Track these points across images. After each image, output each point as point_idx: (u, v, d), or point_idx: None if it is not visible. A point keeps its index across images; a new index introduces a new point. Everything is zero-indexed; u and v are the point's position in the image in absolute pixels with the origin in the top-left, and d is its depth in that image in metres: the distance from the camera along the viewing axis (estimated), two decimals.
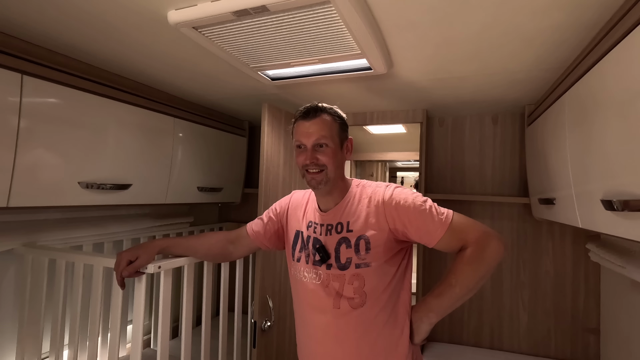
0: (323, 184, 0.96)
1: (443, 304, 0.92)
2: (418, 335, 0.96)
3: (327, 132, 0.95)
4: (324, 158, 0.95)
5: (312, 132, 0.95)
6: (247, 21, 0.92)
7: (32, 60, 1.11)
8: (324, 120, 0.96)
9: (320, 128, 0.95)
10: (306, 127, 0.96)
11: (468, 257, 0.89)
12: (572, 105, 1.08)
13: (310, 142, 0.95)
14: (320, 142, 0.95)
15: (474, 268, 0.88)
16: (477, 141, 2.00)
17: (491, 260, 0.88)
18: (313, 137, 0.95)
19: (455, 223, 0.91)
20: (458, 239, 0.91)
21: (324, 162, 0.95)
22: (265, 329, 1.47)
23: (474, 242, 0.89)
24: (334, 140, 0.97)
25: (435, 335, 2.01)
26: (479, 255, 0.88)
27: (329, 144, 0.96)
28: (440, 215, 0.91)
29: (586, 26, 0.90)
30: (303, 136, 0.96)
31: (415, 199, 0.94)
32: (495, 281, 1.92)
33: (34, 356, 1.30)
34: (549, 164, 1.35)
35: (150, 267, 1.07)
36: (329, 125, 0.96)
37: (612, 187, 0.83)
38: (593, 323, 1.74)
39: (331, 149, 0.96)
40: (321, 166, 0.95)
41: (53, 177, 1.21)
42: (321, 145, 0.96)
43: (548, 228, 1.84)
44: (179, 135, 1.75)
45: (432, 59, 1.18)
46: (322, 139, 0.95)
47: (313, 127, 0.95)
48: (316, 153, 0.95)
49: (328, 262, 0.96)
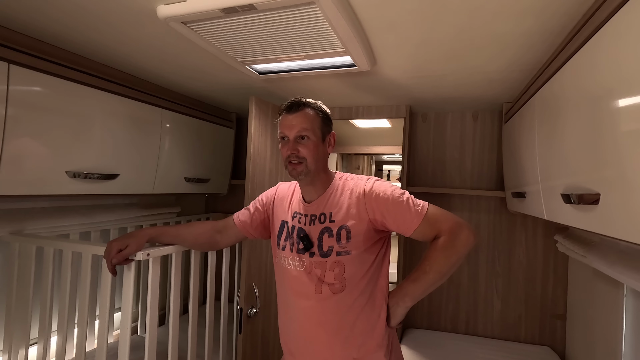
0: (303, 174, 1.01)
1: (418, 289, 0.99)
2: (394, 318, 1.02)
3: (308, 125, 1.00)
4: (304, 150, 1.00)
5: (294, 125, 1.00)
6: (235, 18, 0.95)
7: (18, 49, 1.12)
8: (306, 114, 1.01)
9: (302, 121, 1.00)
10: (289, 119, 1.01)
11: (441, 245, 0.96)
12: (541, 105, 1.16)
13: (292, 134, 1.00)
14: (301, 134, 1.00)
15: (446, 255, 0.95)
16: (458, 137, 2.08)
17: (462, 249, 0.95)
18: (295, 130, 1.00)
19: (430, 214, 0.97)
20: (432, 228, 0.97)
21: (303, 155, 1.00)
22: (251, 315, 1.52)
23: (447, 231, 0.96)
24: (315, 134, 1.01)
25: (414, 322, 2.11)
26: (451, 243, 0.95)
27: (310, 137, 1.01)
28: (417, 206, 0.98)
29: (552, 32, 0.97)
30: (286, 128, 1.01)
31: (394, 191, 1.00)
32: (471, 270, 2.02)
33: (21, 342, 1.32)
34: (521, 160, 1.44)
35: (139, 254, 1.10)
36: (311, 119, 1.01)
37: (571, 182, 0.91)
38: (560, 310, 1.86)
39: (312, 141, 1.01)
40: (301, 158, 1.00)
41: (40, 166, 1.22)
42: (302, 138, 1.01)
43: (521, 221, 1.94)
44: (166, 126, 1.76)
45: (412, 58, 1.23)
46: (303, 131, 1.00)
47: (295, 120, 1.00)
48: (297, 145, 1.00)
49: (311, 250, 1.02)
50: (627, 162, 0.64)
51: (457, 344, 1.89)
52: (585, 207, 0.82)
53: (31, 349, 1.40)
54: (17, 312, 1.33)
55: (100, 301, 1.18)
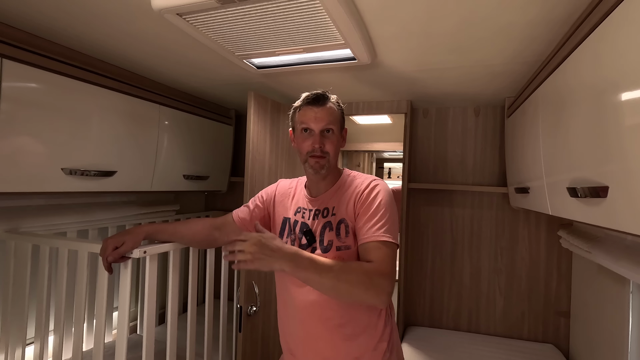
0: (325, 168, 1.00)
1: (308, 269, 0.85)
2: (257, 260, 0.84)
3: (333, 119, 1.01)
4: (329, 145, 1.00)
5: (322, 118, 0.99)
6: (231, 9, 0.93)
7: (12, 43, 1.09)
8: (331, 107, 1.01)
9: (329, 114, 1.00)
10: (315, 112, 1.00)
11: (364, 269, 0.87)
12: (545, 98, 1.13)
13: (319, 127, 0.99)
14: (328, 127, 1.00)
15: (356, 280, 0.85)
16: (460, 132, 2.05)
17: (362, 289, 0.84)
18: (322, 123, 0.99)
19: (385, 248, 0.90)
20: (372, 256, 0.90)
21: (327, 149, 1.00)
22: (251, 313, 1.51)
23: (377, 269, 0.87)
24: (337, 128, 1.02)
25: (415, 320, 2.09)
26: (369, 278, 0.85)
27: (334, 131, 1.01)
28: (385, 231, 0.91)
29: (557, 21, 0.94)
30: (312, 121, 0.99)
31: (383, 202, 0.95)
32: (474, 267, 2.00)
33: (18, 342, 1.30)
34: (524, 155, 1.41)
35: (136, 252, 1.08)
36: (334, 113, 1.02)
37: (577, 176, 0.88)
38: (564, 306, 1.84)
39: (336, 136, 1.02)
40: (324, 152, 0.99)
41: (35, 163, 1.20)
42: (328, 131, 1.00)
43: (524, 216, 1.92)
44: (164, 122, 1.74)
45: (413, 50, 1.21)
46: (330, 124, 1.00)
47: (321, 112, 0.99)
48: (323, 139, 1.00)
49: (313, 246, 1.00)
50: (634, 155, 0.62)
51: (459, 341, 1.87)
52: (592, 201, 0.80)
53: (28, 349, 1.39)
54: (13, 311, 1.31)
55: (97, 300, 1.16)
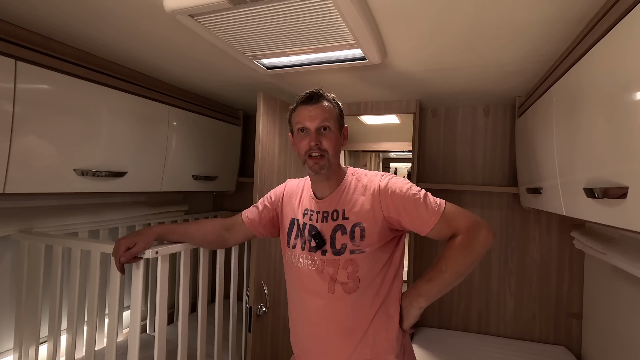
0: (325, 168, 0.98)
1: (433, 289, 0.95)
2: (407, 319, 0.99)
3: (329, 116, 0.99)
4: (326, 142, 0.97)
5: (316, 115, 0.97)
6: (243, 9, 0.93)
7: (26, 46, 1.11)
8: (326, 104, 1.00)
9: (324, 111, 0.98)
10: (309, 110, 0.98)
11: (459, 244, 0.92)
12: (560, 97, 1.11)
13: (314, 125, 0.97)
14: (324, 124, 0.98)
15: (464, 255, 0.91)
16: (469, 132, 2.04)
17: (480, 248, 0.91)
18: (317, 120, 0.97)
19: (448, 212, 0.94)
20: (449, 227, 0.94)
21: (325, 147, 0.97)
22: (260, 314, 1.51)
23: (465, 230, 0.92)
24: (335, 125, 1.00)
25: (425, 321, 2.07)
26: (469, 242, 0.91)
27: (331, 128, 0.99)
28: (434, 204, 0.94)
29: (573, 20, 0.93)
30: (306, 119, 0.98)
31: (410, 188, 0.96)
32: (484, 268, 1.98)
33: (32, 341, 1.32)
34: (537, 155, 1.39)
35: (148, 252, 1.09)
36: (330, 110, 1.00)
37: (594, 176, 0.87)
38: (576, 308, 1.81)
39: (333, 133, 0.99)
40: (323, 151, 0.97)
41: (48, 164, 1.21)
42: (325, 129, 0.98)
43: (535, 217, 1.90)
44: (173, 123, 1.75)
45: (424, 49, 1.20)
46: (325, 121, 0.98)
47: (316, 110, 0.98)
48: (320, 136, 0.98)
49: (323, 248, 0.99)
50: None
51: (469, 343, 1.85)
52: (610, 202, 0.79)
53: (41, 347, 1.40)
54: (27, 310, 1.33)
55: (110, 300, 1.17)
